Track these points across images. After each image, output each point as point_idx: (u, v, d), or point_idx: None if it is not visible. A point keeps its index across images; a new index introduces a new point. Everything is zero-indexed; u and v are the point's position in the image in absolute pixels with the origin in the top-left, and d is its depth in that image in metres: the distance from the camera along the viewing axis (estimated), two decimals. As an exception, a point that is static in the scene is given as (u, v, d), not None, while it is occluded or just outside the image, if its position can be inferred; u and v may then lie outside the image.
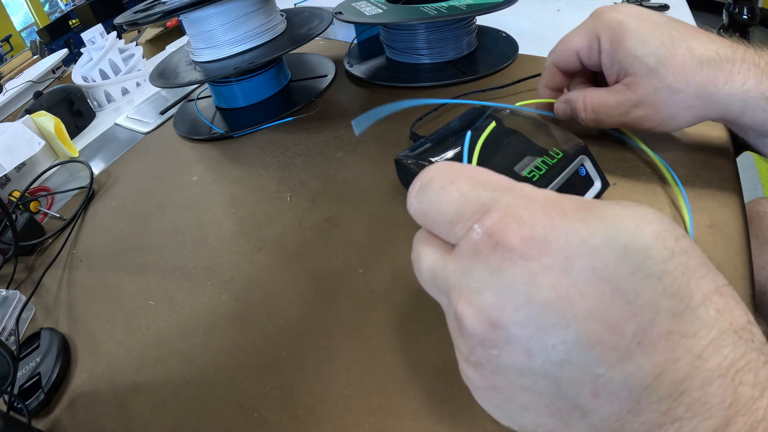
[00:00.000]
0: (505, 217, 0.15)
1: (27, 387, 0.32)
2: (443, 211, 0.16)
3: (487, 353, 0.15)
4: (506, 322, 0.14)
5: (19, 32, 4.04)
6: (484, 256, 0.15)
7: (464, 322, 0.15)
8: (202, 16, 0.52)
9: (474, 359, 0.15)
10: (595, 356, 0.13)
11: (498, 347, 0.15)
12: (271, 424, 0.25)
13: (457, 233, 0.16)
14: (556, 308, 0.14)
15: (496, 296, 0.14)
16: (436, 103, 0.47)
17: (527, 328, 0.14)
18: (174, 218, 0.44)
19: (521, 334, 0.14)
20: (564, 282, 0.14)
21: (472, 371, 0.16)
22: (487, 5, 0.50)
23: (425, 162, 0.34)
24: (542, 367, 0.14)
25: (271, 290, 0.33)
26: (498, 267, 0.14)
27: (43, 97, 0.70)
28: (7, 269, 0.44)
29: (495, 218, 0.15)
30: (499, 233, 0.14)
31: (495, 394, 0.16)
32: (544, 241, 0.14)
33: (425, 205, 0.17)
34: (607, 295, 0.13)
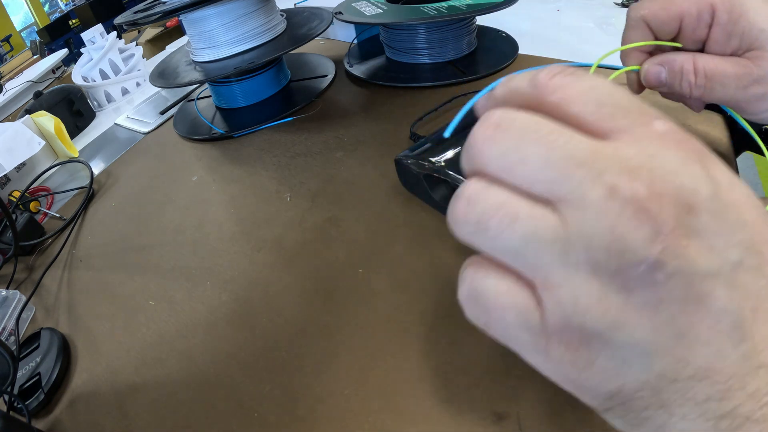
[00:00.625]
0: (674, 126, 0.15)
1: (27, 387, 0.32)
2: (600, 98, 0.14)
3: (676, 245, 0.13)
4: (702, 209, 0.13)
5: (19, 32, 4.04)
6: (673, 146, 0.14)
7: (657, 206, 0.13)
8: (202, 16, 0.52)
9: (655, 256, 0.13)
10: (759, 261, 0.13)
11: (688, 237, 0.13)
12: (271, 424, 0.25)
13: (627, 124, 0.14)
14: (736, 208, 0.14)
15: (692, 182, 0.13)
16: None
17: (717, 218, 0.13)
18: (174, 218, 0.44)
19: (711, 225, 0.13)
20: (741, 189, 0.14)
21: (642, 277, 0.13)
22: (487, 5, 0.50)
23: (425, 162, 0.34)
24: (720, 269, 0.13)
25: (271, 290, 0.33)
26: (686, 159, 0.14)
27: (43, 97, 0.70)
28: (7, 269, 0.44)
29: (669, 123, 0.14)
30: (680, 134, 0.14)
31: (652, 317, 0.13)
32: (708, 158, 0.14)
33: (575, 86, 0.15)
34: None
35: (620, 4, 0.67)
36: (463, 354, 0.26)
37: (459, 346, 0.26)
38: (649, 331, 0.13)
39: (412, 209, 0.36)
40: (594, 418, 0.22)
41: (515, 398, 0.23)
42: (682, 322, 0.13)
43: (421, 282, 0.30)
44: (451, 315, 0.28)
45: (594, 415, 0.22)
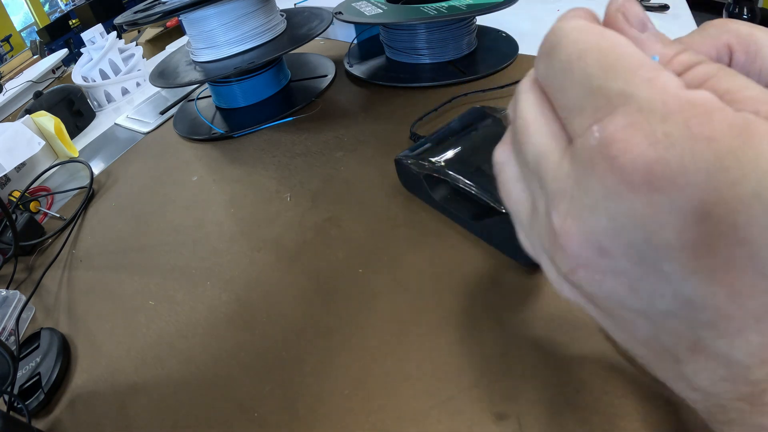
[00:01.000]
0: (631, 127, 0.11)
1: (27, 387, 0.32)
2: (564, 91, 0.13)
3: (590, 277, 0.13)
4: (617, 254, 0.12)
5: (19, 32, 4.04)
6: (599, 171, 0.12)
7: (567, 241, 0.13)
8: (202, 16, 0.52)
9: (573, 279, 0.13)
10: (704, 320, 0.12)
11: (602, 274, 0.13)
12: (271, 424, 0.25)
13: (575, 127, 0.13)
14: (677, 257, 0.11)
15: (610, 223, 0.12)
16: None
17: (639, 267, 0.12)
18: (174, 218, 0.44)
19: (631, 271, 0.12)
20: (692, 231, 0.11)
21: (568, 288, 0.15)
22: (487, 5, 0.50)
23: (425, 162, 0.34)
24: (643, 309, 0.13)
25: (271, 290, 0.33)
26: (615, 192, 0.12)
27: (43, 97, 0.70)
28: (7, 269, 0.44)
29: (618, 125, 0.11)
30: (619, 148, 0.11)
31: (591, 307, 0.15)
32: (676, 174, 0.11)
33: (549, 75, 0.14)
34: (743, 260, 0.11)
35: None
36: (463, 354, 0.26)
37: (459, 346, 0.26)
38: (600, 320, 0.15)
39: (412, 209, 0.36)
40: (594, 418, 0.22)
41: (515, 398, 0.23)
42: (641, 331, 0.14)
43: (421, 282, 0.30)
44: (451, 315, 0.28)
45: (594, 416, 0.22)
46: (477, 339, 0.26)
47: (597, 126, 0.12)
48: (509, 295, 0.28)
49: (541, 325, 0.26)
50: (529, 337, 0.26)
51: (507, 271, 0.29)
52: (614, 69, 0.12)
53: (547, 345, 0.25)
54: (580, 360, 0.24)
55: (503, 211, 0.28)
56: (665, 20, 0.60)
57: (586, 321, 0.26)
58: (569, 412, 0.22)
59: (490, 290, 0.29)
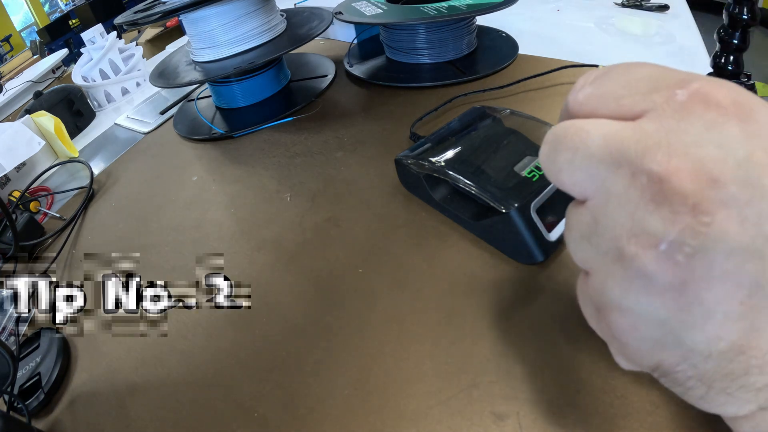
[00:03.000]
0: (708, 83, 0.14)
1: (27, 387, 0.32)
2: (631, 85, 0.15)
3: (697, 222, 0.12)
4: (728, 179, 0.12)
5: (19, 32, 4.04)
6: (697, 111, 0.13)
7: (675, 182, 0.12)
8: (202, 16, 0.52)
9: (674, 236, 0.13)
10: None
11: (711, 213, 0.12)
12: (271, 424, 0.25)
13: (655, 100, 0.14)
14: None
15: (717, 150, 0.12)
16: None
17: (747, 188, 0.12)
18: (174, 218, 0.44)
19: (740, 196, 0.12)
20: None
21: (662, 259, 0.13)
22: (487, 5, 0.50)
23: (425, 162, 0.34)
24: (752, 242, 0.12)
25: (271, 290, 0.33)
26: (714, 122, 0.13)
27: (43, 97, 0.70)
28: (7, 269, 0.44)
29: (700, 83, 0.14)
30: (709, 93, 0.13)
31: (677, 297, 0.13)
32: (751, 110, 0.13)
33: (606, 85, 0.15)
34: None
35: (620, 4, 0.67)
36: (463, 354, 0.26)
37: (459, 346, 0.26)
38: (676, 311, 0.13)
39: (412, 209, 0.36)
40: (594, 418, 0.22)
41: (515, 398, 0.23)
42: (710, 299, 0.13)
43: (421, 282, 0.30)
44: (451, 315, 0.28)
45: (594, 416, 0.22)
46: (477, 339, 0.26)
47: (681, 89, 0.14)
48: (509, 295, 0.28)
49: (541, 325, 0.26)
50: (529, 337, 0.26)
51: (507, 271, 0.29)
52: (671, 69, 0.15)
53: (547, 345, 0.25)
54: (580, 360, 0.24)
55: (503, 211, 0.28)
56: (665, 20, 0.60)
57: (586, 321, 0.26)
58: (569, 412, 0.22)
59: (490, 290, 0.29)
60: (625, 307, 0.14)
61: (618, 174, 0.14)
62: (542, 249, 0.28)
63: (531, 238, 0.28)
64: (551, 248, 0.29)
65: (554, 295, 0.27)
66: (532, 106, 0.45)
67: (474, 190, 0.30)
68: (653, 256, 0.13)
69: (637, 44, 0.56)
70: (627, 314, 0.14)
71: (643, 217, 0.13)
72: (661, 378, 0.15)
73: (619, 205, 0.14)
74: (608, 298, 0.15)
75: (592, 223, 0.15)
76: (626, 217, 0.14)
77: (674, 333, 0.14)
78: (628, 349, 0.15)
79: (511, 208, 0.28)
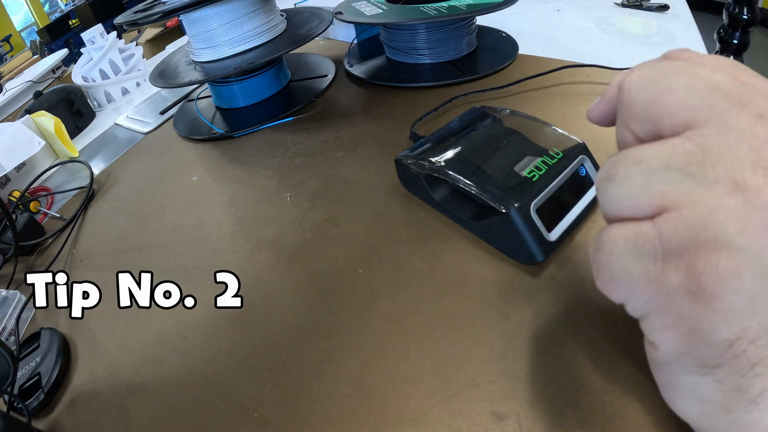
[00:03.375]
0: None
1: (27, 387, 0.32)
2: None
3: None
4: None
5: (19, 32, 4.04)
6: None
7: None
8: (202, 16, 0.52)
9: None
10: None
11: None
12: (271, 424, 0.25)
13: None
14: None
15: None
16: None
17: None
18: (174, 218, 0.44)
19: None
20: None
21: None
22: (487, 5, 0.50)
23: (425, 162, 0.34)
24: None
25: (271, 290, 0.33)
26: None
27: (43, 97, 0.70)
28: (7, 269, 0.44)
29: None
30: None
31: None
32: None
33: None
34: None
35: (620, 4, 0.67)
36: (463, 354, 0.26)
37: (459, 346, 0.26)
38: None
39: (412, 209, 0.36)
40: (594, 418, 0.22)
41: (515, 398, 0.23)
42: None
43: (421, 282, 0.30)
44: (451, 315, 0.28)
45: (594, 416, 0.22)
46: (477, 339, 0.26)
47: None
48: (509, 295, 0.28)
49: (541, 325, 0.26)
50: (529, 337, 0.26)
51: (507, 271, 0.29)
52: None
53: (547, 345, 0.25)
54: (580, 360, 0.24)
55: (503, 211, 0.28)
56: (665, 20, 0.60)
57: (586, 321, 0.26)
58: (569, 412, 0.22)
59: (490, 290, 0.29)
60: (737, 246, 0.12)
61: (743, 112, 0.13)
62: (542, 249, 0.28)
63: (531, 238, 0.28)
64: (551, 248, 0.29)
65: (554, 295, 0.27)
66: (532, 106, 0.45)
67: (474, 190, 0.30)
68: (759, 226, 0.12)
69: (637, 44, 0.56)
70: (737, 256, 0.12)
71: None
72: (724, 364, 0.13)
73: (741, 138, 0.13)
74: (715, 236, 0.12)
75: (697, 152, 0.13)
76: (752, 149, 0.13)
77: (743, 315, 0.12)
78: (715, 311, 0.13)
79: (511, 208, 0.28)
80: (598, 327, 0.25)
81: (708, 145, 0.13)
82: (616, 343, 0.24)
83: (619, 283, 0.15)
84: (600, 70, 0.47)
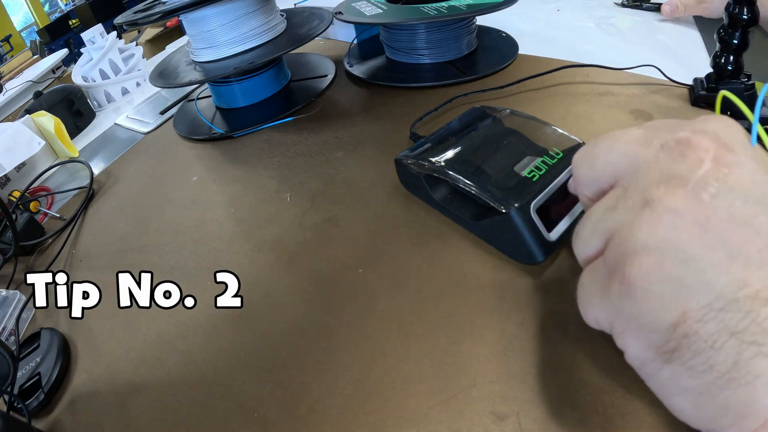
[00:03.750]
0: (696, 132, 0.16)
1: (27, 387, 0.32)
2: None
3: (718, 170, 0.15)
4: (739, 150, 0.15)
5: (19, 32, 4.04)
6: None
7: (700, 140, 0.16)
8: (202, 16, 0.52)
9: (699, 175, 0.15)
10: None
11: (728, 166, 0.15)
12: (271, 424, 0.25)
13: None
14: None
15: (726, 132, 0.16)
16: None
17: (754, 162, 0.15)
18: (174, 218, 0.44)
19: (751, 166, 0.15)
20: None
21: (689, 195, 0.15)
22: (487, 5, 0.50)
23: (425, 162, 0.34)
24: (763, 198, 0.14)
25: (271, 290, 0.33)
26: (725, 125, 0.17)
27: (43, 97, 0.70)
28: (7, 269, 0.44)
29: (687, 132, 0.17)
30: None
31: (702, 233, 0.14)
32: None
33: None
34: None
35: (620, 4, 0.67)
36: (463, 354, 0.26)
37: (459, 346, 0.26)
38: (701, 248, 0.14)
39: (412, 209, 0.36)
40: (594, 418, 0.22)
41: (515, 398, 0.23)
42: (732, 240, 0.14)
43: (421, 282, 0.30)
44: (451, 315, 0.28)
45: (594, 416, 0.22)
46: (477, 339, 0.26)
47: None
48: (509, 294, 0.28)
49: (541, 324, 0.26)
50: (529, 337, 0.26)
51: (507, 271, 0.29)
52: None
53: (546, 345, 0.25)
54: (580, 360, 0.24)
55: (503, 211, 0.28)
56: (665, 20, 0.60)
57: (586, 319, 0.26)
58: (569, 412, 0.22)
59: (490, 290, 0.29)
60: (651, 245, 0.15)
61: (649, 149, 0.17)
62: (542, 249, 0.28)
63: (531, 238, 0.28)
64: (551, 248, 0.29)
65: (554, 295, 0.27)
66: (532, 106, 0.45)
67: (474, 190, 0.30)
68: (681, 194, 0.15)
69: (637, 44, 0.56)
70: (653, 253, 0.15)
71: (671, 167, 0.16)
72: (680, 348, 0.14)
73: (648, 168, 0.16)
74: (633, 243, 0.15)
75: (622, 192, 0.17)
76: (655, 172, 0.16)
77: (700, 272, 0.14)
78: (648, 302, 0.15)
79: (511, 208, 0.28)
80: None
81: (627, 182, 0.17)
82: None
83: (586, 307, 0.18)
84: (600, 70, 0.47)
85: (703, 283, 0.14)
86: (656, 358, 0.15)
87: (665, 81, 0.43)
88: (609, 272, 0.16)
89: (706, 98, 0.39)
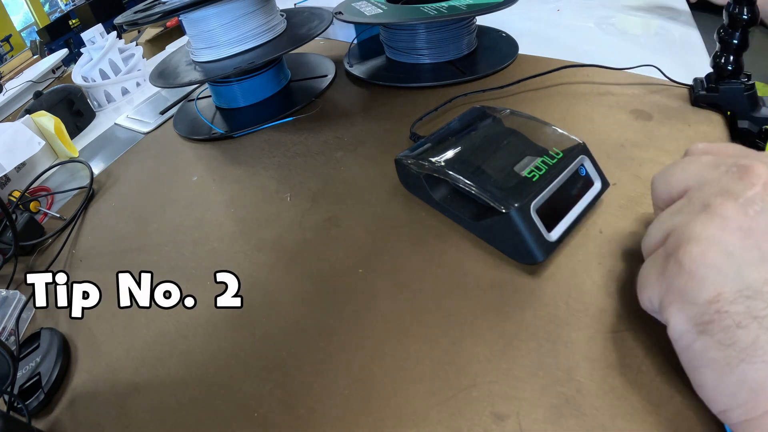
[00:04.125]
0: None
1: (27, 387, 0.32)
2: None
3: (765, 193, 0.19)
4: None
5: (19, 32, 4.04)
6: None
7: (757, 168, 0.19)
8: (202, 16, 0.52)
9: (750, 195, 0.19)
10: None
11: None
12: (271, 424, 0.25)
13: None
14: None
15: None
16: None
17: None
18: (174, 218, 0.44)
19: None
20: None
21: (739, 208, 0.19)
22: (487, 5, 0.50)
23: (425, 162, 0.34)
24: None
25: (271, 290, 0.33)
26: None
27: (43, 97, 0.70)
28: (7, 269, 0.44)
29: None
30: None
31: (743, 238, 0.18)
32: None
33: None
34: None
35: None
36: (463, 354, 0.26)
37: (459, 346, 0.26)
38: (740, 248, 0.18)
39: (412, 209, 0.36)
40: (594, 418, 0.22)
41: (515, 398, 0.23)
42: (766, 248, 0.18)
43: (421, 282, 0.30)
44: (451, 315, 0.28)
45: (594, 416, 0.22)
46: (477, 339, 0.26)
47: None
48: (509, 295, 0.28)
49: (541, 324, 0.26)
50: (529, 337, 0.26)
51: (507, 271, 0.29)
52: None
53: (547, 345, 0.25)
54: (580, 360, 0.24)
55: (503, 211, 0.28)
56: (665, 20, 0.60)
57: (586, 321, 0.26)
58: (569, 412, 0.22)
59: (490, 290, 0.29)
60: (702, 238, 0.19)
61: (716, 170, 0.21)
62: (542, 249, 0.28)
63: (531, 238, 0.28)
64: (551, 248, 0.29)
65: (554, 295, 0.27)
66: (532, 106, 0.45)
67: (474, 190, 0.30)
68: (733, 205, 0.19)
69: (637, 44, 0.56)
70: (702, 243, 0.19)
71: (729, 184, 0.20)
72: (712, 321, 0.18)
73: (712, 183, 0.20)
74: (689, 235, 0.19)
75: (686, 201, 0.21)
76: (717, 187, 0.20)
77: (736, 265, 0.18)
78: (693, 280, 0.18)
79: (511, 208, 0.28)
80: (598, 327, 0.25)
81: (692, 194, 0.21)
82: (616, 344, 0.24)
83: (643, 287, 0.22)
84: (600, 70, 0.47)
85: (738, 274, 0.18)
86: (692, 330, 0.19)
87: (665, 81, 0.43)
88: (666, 255, 0.20)
89: (706, 98, 0.39)
